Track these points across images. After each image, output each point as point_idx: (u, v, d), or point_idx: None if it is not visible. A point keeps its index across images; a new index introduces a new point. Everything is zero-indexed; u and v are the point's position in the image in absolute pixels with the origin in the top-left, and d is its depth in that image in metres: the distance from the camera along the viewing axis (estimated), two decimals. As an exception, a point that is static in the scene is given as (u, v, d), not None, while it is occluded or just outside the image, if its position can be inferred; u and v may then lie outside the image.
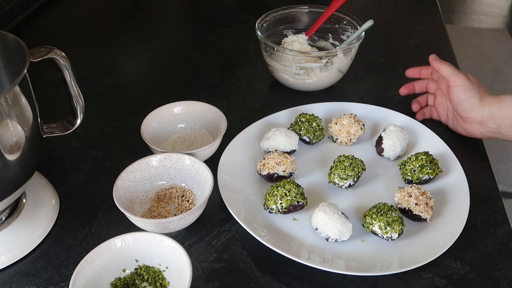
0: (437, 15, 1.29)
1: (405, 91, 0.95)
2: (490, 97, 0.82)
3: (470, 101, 0.82)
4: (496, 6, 3.41)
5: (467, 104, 0.83)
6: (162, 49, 1.15)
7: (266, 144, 0.82)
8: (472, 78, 0.84)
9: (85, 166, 0.84)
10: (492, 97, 0.82)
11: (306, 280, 0.67)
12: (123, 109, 0.96)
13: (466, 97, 0.83)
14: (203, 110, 0.86)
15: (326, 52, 0.97)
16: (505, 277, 0.67)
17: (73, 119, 0.73)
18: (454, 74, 0.84)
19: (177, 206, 0.75)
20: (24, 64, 0.61)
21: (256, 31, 0.98)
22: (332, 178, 0.77)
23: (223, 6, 1.33)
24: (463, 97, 0.83)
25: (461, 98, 0.83)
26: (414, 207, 0.71)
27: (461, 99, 0.83)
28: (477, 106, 0.82)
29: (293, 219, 0.74)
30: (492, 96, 0.83)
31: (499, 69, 2.70)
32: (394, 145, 0.81)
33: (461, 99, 0.83)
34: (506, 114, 0.80)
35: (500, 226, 0.74)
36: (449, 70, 0.85)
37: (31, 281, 0.67)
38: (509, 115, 0.80)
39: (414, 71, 0.95)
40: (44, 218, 0.73)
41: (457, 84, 0.83)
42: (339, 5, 1.01)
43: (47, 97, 0.98)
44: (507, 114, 0.80)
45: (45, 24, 1.24)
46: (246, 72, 1.07)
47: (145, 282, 0.64)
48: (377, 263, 0.67)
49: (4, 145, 0.60)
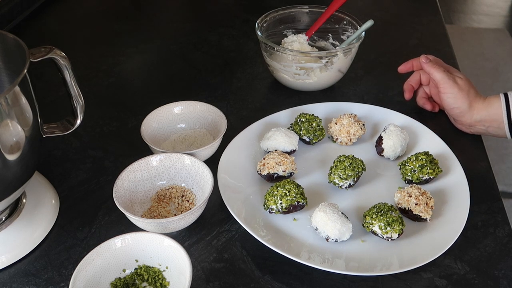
0: (437, 15, 1.29)
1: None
2: (480, 102, 0.85)
3: (459, 109, 0.86)
4: (496, 6, 3.41)
5: (457, 111, 0.86)
6: (162, 49, 1.15)
7: (266, 144, 0.82)
8: (461, 83, 0.86)
9: (85, 166, 0.84)
10: (481, 101, 0.85)
11: (306, 280, 0.67)
12: (123, 109, 0.96)
13: (455, 105, 0.86)
14: (203, 110, 0.86)
15: (326, 52, 0.97)
16: (505, 277, 0.67)
17: (73, 119, 0.73)
18: (444, 81, 0.86)
19: (177, 206, 0.75)
20: (24, 64, 0.61)
21: (256, 31, 0.98)
22: (332, 178, 0.77)
23: (223, 6, 1.33)
24: (453, 104, 0.86)
25: (451, 106, 0.87)
26: (414, 207, 0.71)
27: (451, 106, 0.87)
28: (466, 112, 0.85)
29: (293, 219, 0.74)
30: (482, 100, 0.85)
31: (499, 69, 2.70)
32: (394, 145, 0.81)
33: (451, 106, 0.87)
34: (494, 118, 0.84)
35: (500, 226, 0.74)
36: (440, 76, 0.86)
37: (31, 281, 0.67)
38: (497, 118, 0.84)
39: (406, 66, 0.95)
40: (44, 218, 0.73)
41: (447, 92, 0.86)
42: (339, 5, 1.01)
43: (47, 97, 0.98)
44: (494, 117, 0.84)
45: (45, 24, 1.24)
46: (246, 72, 1.07)
47: (145, 282, 0.64)
48: (377, 263, 0.67)
49: (4, 145, 0.60)
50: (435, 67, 0.87)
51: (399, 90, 1.01)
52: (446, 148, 0.83)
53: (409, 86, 0.95)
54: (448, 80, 0.85)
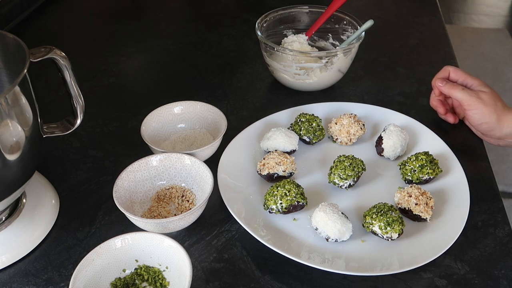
0: (437, 15, 1.29)
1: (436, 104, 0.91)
2: (509, 114, 0.82)
3: (487, 124, 0.83)
4: (496, 6, 3.41)
5: (485, 126, 0.84)
6: (162, 49, 1.15)
7: (266, 144, 0.82)
8: (485, 98, 0.83)
9: (85, 166, 0.84)
10: (510, 114, 0.82)
11: (306, 280, 0.67)
12: (123, 109, 0.96)
13: (483, 121, 0.83)
14: (203, 110, 0.86)
15: (326, 52, 0.97)
16: (505, 277, 0.67)
17: (73, 119, 0.73)
18: (467, 98, 0.83)
19: (177, 206, 0.75)
20: (24, 64, 0.61)
21: (256, 31, 0.98)
22: (332, 178, 0.77)
23: (223, 6, 1.33)
24: (480, 121, 0.84)
25: (478, 122, 0.84)
26: (414, 207, 0.71)
27: (479, 123, 0.84)
28: (496, 126, 0.83)
29: (293, 219, 0.74)
30: (510, 112, 0.82)
31: (499, 69, 2.70)
32: (394, 145, 0.81)
33: (479, 123, 0.84)
34: None
35: (500, 226, 0.74)
36: (461, 95, 0.84)
37: (31, 281, 0.67)
38: None
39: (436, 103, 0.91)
40: (44, 218, 0.73)
41: (473, 109, 0.83)
42: (339, 5, 1.01)
43: (47, 97, 0.98)
44: None
45: (45, 24, 1.24)
46: (246, 72, 1.07)
47: (145, 282, 0.64)
48: (377, 263, 0.67)
49: (4, 145, 0.60)
50: (453, 88, 0.85)
51: (399, 90, 1.01)
52: (446, 148, 0.83)
53: (438, 102, 0.90)
54: (470, 97, 0.83)
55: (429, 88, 1.00)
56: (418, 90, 1.01)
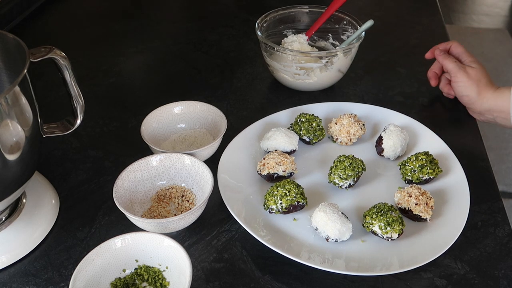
0: (437, 15, 1.28)
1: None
2: (490, 91, 0.88)
3: (468, 97, 0.90)
4: (496, 6, 3.41)
5: (466, 99, 0.91)
6: (162, 49, 1.15)
7: (266, 144, 0.82)
8: (472, 72, 0.89)
9: (85, 166, 0.84)
10: (492, 91, 0.88)
11: (306, 280, 0.67)
12: (123, 109, 0.96)
13: (465, 93, 0.90)
14: (203, 110, 0.86)
15: (326, 52, 0.97)
16: (505, 277, 0.67)
17: (73, 119, 0.73)
18: (455, 70, 0.90)
19: (177, 206, 0.75)
20: (24, 64, 0.61)
21: (256, 31, 0.98)
22: (332, 178, 0.77)
23: (223, 6, 1.33)
24: (462, 93, 0.91)
25: (461, 94, 0.91)
26: (414, 207, 0.71)
27: (461, 95, 0.92)
28: (476, 100, 0.89)
29: (293, 219, 0.74)
30: (493, 89, 0.88)
31: (499, 69, 2.70)
32: (394, 145, 0.81)
33: (461, 95, 0.92)
34: (501, 108, 0.87)
35: (500, 226, 0.74)
36: (451, 66, 0.91)
37: (31, 281, 0.67)
38: (504, 109, 0.86)
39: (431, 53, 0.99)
40: (44, 218, 0.73)
41: (457, 81, 0.91)
42: (339, 5, 1.01)
43: (47, 97, 0.98)
44: (502, 108, 0.87)
45: (45, 24, 1.24)
46: (246, 72, 1.07)
47: (145, 282, 0.64)
48: (377, 263, 0.67)
49: (4, 145, 0.60)
50: (447, 59, 0.92)
51: (399, 90, 1.01)
52: (446, 148, 0.83)
53: (433, 74, 0.98)
54: (458, 70, 0.90)
55: (429, 88, 1.00)
56: (418, 90, 1.01)
